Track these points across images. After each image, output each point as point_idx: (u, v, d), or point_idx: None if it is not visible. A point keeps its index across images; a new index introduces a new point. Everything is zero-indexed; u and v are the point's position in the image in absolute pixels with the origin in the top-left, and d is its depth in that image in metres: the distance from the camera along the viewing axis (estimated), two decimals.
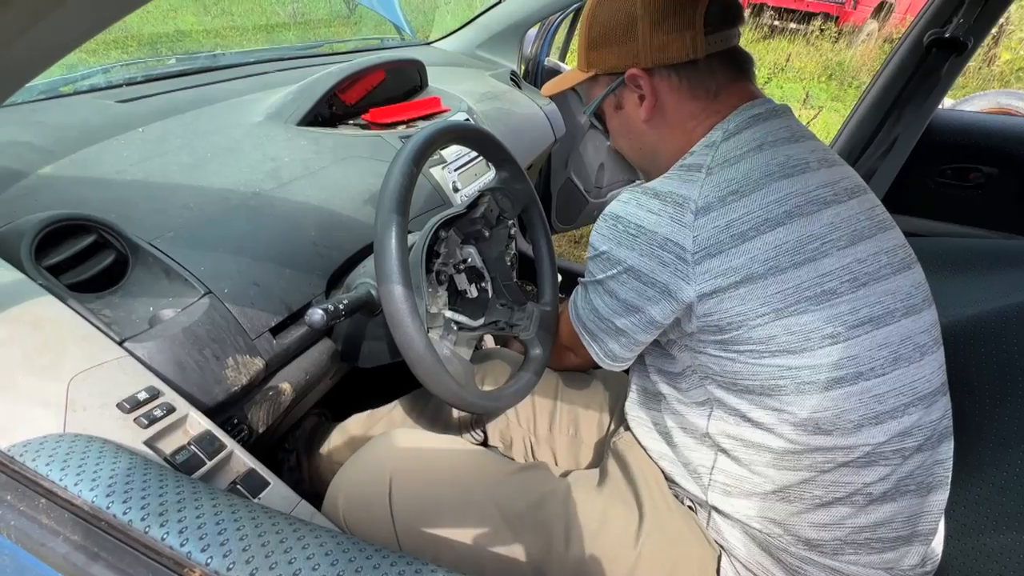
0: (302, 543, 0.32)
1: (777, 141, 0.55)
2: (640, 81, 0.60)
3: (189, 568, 0.31)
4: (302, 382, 0.73)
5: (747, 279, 0.51)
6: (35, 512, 0.34)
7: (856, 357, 0.51)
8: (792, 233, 0.51)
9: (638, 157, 0.69)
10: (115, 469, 0.37)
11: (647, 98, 0.60)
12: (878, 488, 0.54)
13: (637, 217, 0.55)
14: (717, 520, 0.62)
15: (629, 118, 0.64)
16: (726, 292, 0.52)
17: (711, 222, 0.51)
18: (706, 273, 0.52)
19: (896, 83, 1.20)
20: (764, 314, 0.51)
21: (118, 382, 0.48)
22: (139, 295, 0.60)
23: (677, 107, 0.60)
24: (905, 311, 0.53)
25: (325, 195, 0.84)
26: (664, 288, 0.54)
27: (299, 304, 0.71)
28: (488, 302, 0.84)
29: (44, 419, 0.42)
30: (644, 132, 0.64)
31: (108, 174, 0.72)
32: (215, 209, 0.72)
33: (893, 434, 0.53)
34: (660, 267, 0.54)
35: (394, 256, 0.56)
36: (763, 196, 0.52)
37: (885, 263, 0.53)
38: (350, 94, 1.10)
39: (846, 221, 0.53)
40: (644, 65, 0.59)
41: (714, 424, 0.60)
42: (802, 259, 0.51)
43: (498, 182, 0.83)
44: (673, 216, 0.53)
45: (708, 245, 0.51)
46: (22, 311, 0.48)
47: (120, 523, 0.33)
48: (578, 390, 0.87)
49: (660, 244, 0.53)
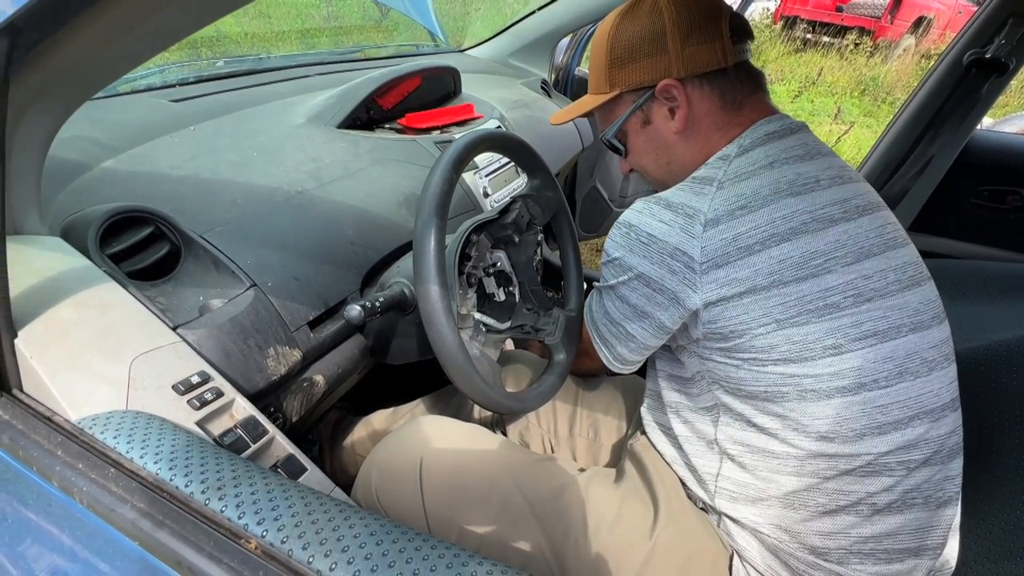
0: (348, 523, 0.34)
1: (790, 159, 0.56)
2: (674, 91, 0.60)
3: (246, 539, 0.33)
4: (334, 375, 0.76)
5: (751, 290, 0.53)
6: (105, 480, 0.37)
7: (859, 368, 0.52)
8: (796, 249, 0.52)
9: (663, 173, 0.68)
10: (175, 445, 0.40)
11: (681, 108, 0.61)
12: (883, 499, 0.54)
13: (649, 226, 0.57)
14: (727, 524, 0.63)
15: (658, 132, 0.64)
16: (730, 301, 0.53)
17: (719, 234, 0.53)
18: (712, 283, 0.53)
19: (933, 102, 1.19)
20: (766, 324, 0.53)
21: (173, 365, 0.51)
22: (190, 285, 0.64)
23: (707, 116, 0.61)
24: (912, 327, 0.54)
25: (362, 196, 0.87)
26: (673, 295, 0.56)
27: (335, 300, 0.74)
28: (515, 306, 0.86)
29: (109, 395, 0.45)
30: (673, 145, 0.64)
31: (163, 169, 0.77)
32: (260, 206, 0.76)
33: (897, 445, 0.53)
34: (669, 275, 0.56)
35: (432, 257, 0.58)
36: (770, 212, 0.53)
37: (892, 280, 0.54)
38: (387, 99, 1.13)
39: (853, 238, 0.54)
40: (677, 75, 0.60)
41: (721, 430, 0.61)
42: (805, 274, 0.52)
43: (530, 189, 0.85)
44: (683, 227, 0.55)
45: (715, 256, 0.53)
46: (90, 295, 0.51)
47: (182, 494, 0.36)
48: (598, 395, 0.88)
49: (670, 253, 0.55)
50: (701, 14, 0.58)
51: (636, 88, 0.63)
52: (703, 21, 0.59)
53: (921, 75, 5.25)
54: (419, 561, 0.31)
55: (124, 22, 0.37)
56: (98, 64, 0.42)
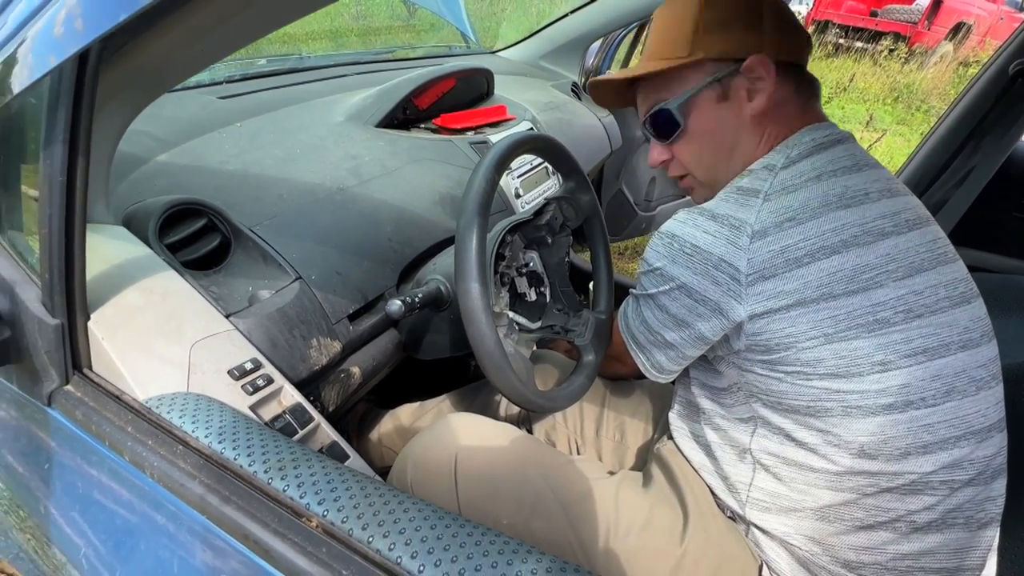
0: (403, 507, 0.35)
1: (837, 171, 0.55)
2: (762, 70, 0.57)
3: (307, 518, 0.35)
4: (369, 367, 0.79)
5: (799, 303, 0.52)
6: (173, 456, 0.40)
7: (907, 386, 0.51)
8: (847, 262, 0.51)
9: (714, 160, 0.63)
10: (235, 426, 0.43)
11: (765, 90, 0.58)
12: (923, 517, 0.54)
13: (693, 237, 0.57)
14: (756, 534, 0.63)
15: (733, 111, 0.60)
16: (777, 313, 0.53)
17: (766, 246, 0.52)
18: (759, 294, 0.53)
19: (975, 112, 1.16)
20: (814, 337, 0.52)
21: (228, 352, 0.53)
22: (239, 275, 0.67)
23: (781, 107, 0.59)
24: (962, 345, 0.53)
25: (400, 194, 0.89)
26: (715, 306, 0.56)
27: (374, 294, 0.77)
28: (546, 306, 0.87)
29: (172, 378, 0.48)
30: (741, 130, 0.60)
31: (213, 164, 0.80)
32: (304, 201, 0.78)
33: (942, 465, 0.52)
34: (713, 286, 0.55)
35: (474, 256, 0.60)
36: (819, 224, 0.52)
37: (943, 296, 0.53)
38: (423, 99, 1.15)
39: (904, 253, 0.53)
40: (768, 55, 0.57)
41: (757, 441, 0.61)
42: (855, 288, 0.51)
43: (564, 191, 0.86)
44: (729, 238, 0.54)
45: (762, 268, 0.52)
46: (153, 282, 0.54)
47: (246, 473, 0.38)
48: (625, 397, 0.89)
49: (715, 264, 0.54)
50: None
51: (721, 58, 0.59)
52: (789, 11, 0.57)
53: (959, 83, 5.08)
54: (472, 546, 0.32)
55: (205, 25, 0.39)
56: (175, 64, 0.45)
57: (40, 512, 0.51)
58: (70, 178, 0.41)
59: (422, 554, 0.32)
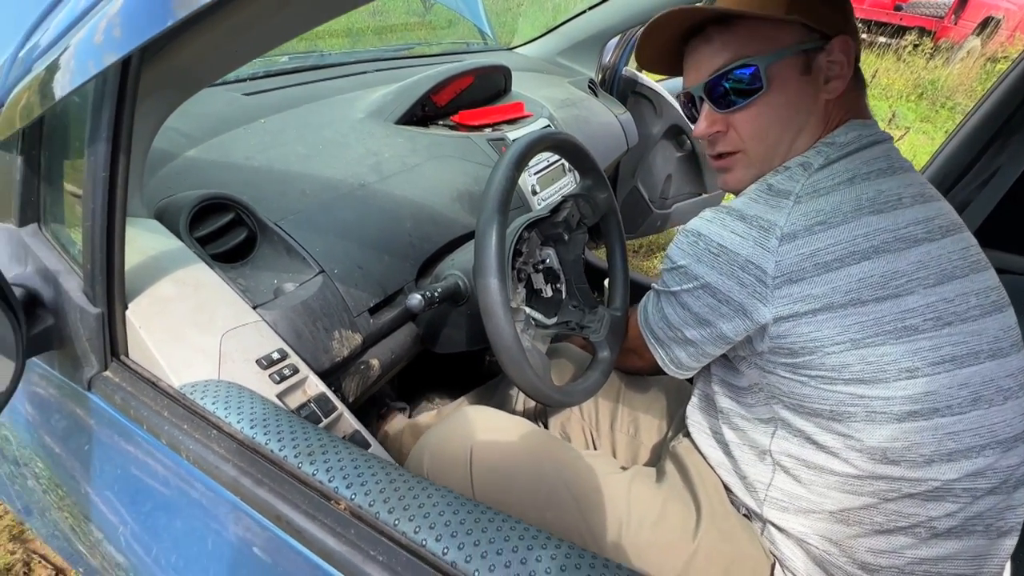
0: (426, 493, 0.37)
1: (871, 173, 0.55)
2: (844, 55, 0.56)
3: (336, 500, 0.36)
4: (388, 360, 0.80)
5: (827, 307, 0.51)
6: (208, 440, 0.42)
7: (934, 393, 0.51)
8: (877, 268, 0.51)
9: (778, 137, 0.59)
10: (265, 413, 0.44)
11: (843, 75, 0.57)
12: (943, 524, 0.53)
13: (720, 237, 0.56)
14: (772, 532, 0.63)
15: (811, 88, 0.57)
16: (803, 317, 0.52)
17: (795, 249, 0.52)
18: (785, 297, 0.52)
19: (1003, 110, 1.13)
20: (840, 342, 0.51)
21: (256, 342, 0.55)
22: (265, 268, 0.69)
23: (846, 96, 0.58)
24: (991, 354, 0.52)
25: (419, 190, 0.91)
26: (739, 307, 0.55)
27: (393, 288, 0.78)
28: (561, 303, 0.87)
29: (204, 366, 0.50)
30: (813, 111, 0.58)
31: (239, 160, 0.82)
32: (327, 196, 0.80)
33: (965, 473, 0.52)
34: (738, 287, 0.55)
35: (494, 252, 0.61)
36: (851, 229, 0.52)
37: (974, 304, 0.52)
38: (441, 96, 1.16)
39: (936, 260, 0.52)
40: (852, 38, 0.56)
41: (777, 443, 0.61)
42: (885, 294, 0.51)
43: (581, 189, 0.86)
44: (757, 240, 0.54)
45: (790, 271, 0.52)
46: (185, 274, 0.56)
47: (277, 457, 0.40)
48: (640, 393, 0.89)
49: (741, 265, 0.54)
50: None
51: (813, 28, 0.56)
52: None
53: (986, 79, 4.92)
54: (493, 531, 0.34)
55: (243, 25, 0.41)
56: (210, 64, 0.46)
57: (79, 491, 0.54)
58: (112, 174, 0.43)
59: (446, 537, 0.33)
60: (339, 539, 0.34)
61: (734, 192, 0.64)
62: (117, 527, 0.49)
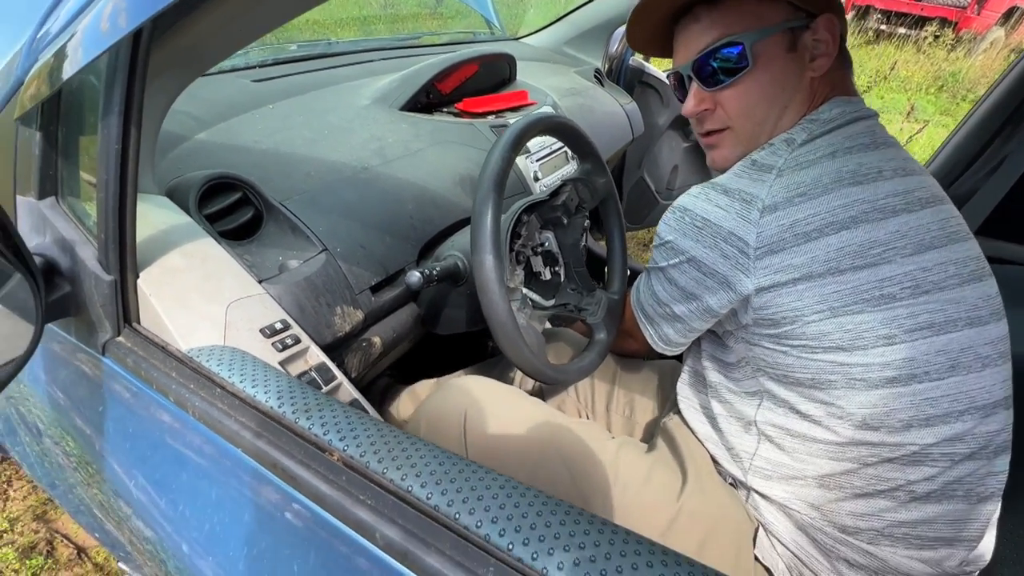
0: (415, 447, 0.39)
1: (853, 148, 0.55)
2: (829, 33, 0.57)
3: (329, 452, 0.39)
4: (390, 338, 0.83)
5: (806, 277, 0.53)
6: (212, 398, 0.44)
7: (912, 360, 0.52)
8: (855, 237, 0.52)
9: (765, 114, 0.60)
10: (266, 376, 0.47)
11: (828, 53, 0.57)
12: (922, 488, 0.55)
13: (704, 211, 0.58)
14: (756, 499, 0.64)
15: (796, 65, 0.58)
16: (784, 287, 0.54)
17: (776, 220, 0.53)
18: (766, 268, 0.54)
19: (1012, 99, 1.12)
20: (819, 311, 0.53)
21: (260, 313, 0.58)
22: (270, 246, 0.71)
23: (831, 74, 0.59)
24: (969, 321, 0.53)
25: (422, 175, 0.93)
26: (723, 279, 0.57)
27: (395, 268, 0.81)
28: (560, 285, 0.89)
29: (210, 332, 0.52)
30: (799, 88, 0.58)
31: (247, 143, 0.85)
32: (331, 179, 0.83)
33: (943, 438, 0.53)
34: (721, 259, 0.56)
35: (489, 230, 0.62)
36: (830, 200, 0.53)
37: (952, 273, 0.53)
38: (446, 84, 1.18)
39: (915, 230, 0.53)
40: (837, 17, 0.57)
41: (762, 414, 0.62)
42: (863, 263, 0.52)
43: (580, 173, 0.88)
44: (739, 212, 0.55)
45: (771, 242, 0.53)
46: (193, 247, 0.59)
47: (276, 413, 0.42)
48: (635, 375, 0.91)
49: (724, 238, 0.56)
50: None
51: (798, 6, 0.57)
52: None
53: None
54: (476, 481, 0.36)
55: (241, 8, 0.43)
56: (215, 44, 0.49)
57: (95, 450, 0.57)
58: (124, 147, 0.46)
59: (430, 484, 0.35)
60: (331, 485, 0.36)
61: (721, 169, 0.65)
62: (128, 481, 0.52)
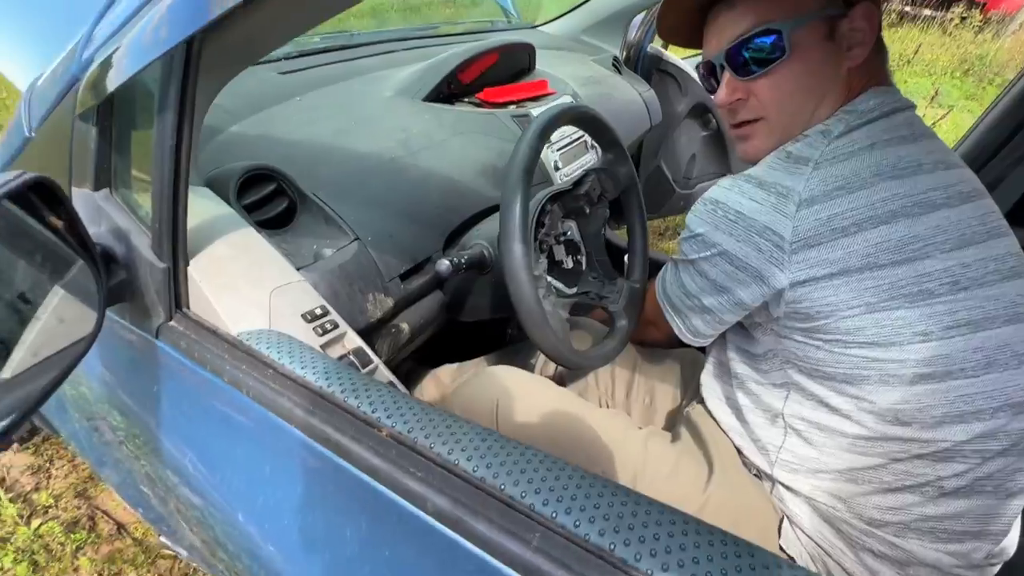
0: (457, 424, 0.41)
1: (892, 140, 0.55)
2: (867, 22, 0.55)
3: (378, 428, 0.41)
4: (417, 324, 0.85)
5: (843, 272, 0.52)
6: (264, 378, 0.47)
7: (948, 356, 0.52)
8: (895, 232, 0.51)
9: (801, 105, 0.59)
10: (313, 358, 0.50)
11: (866, 42, 0.56)
12: (952, 483, 0.55)
13: (738, 204, 0.57)
14: (781, 491, 0.65)
15: (834, 55, 0.57)
16: (820, 282, 0.53)
17: (813, 214, 0.53)
18: (802, 262, 0.53)
19: None
20: (855, 306, 0.52)
21: (300, 298, 0.61)
22: (304, 235, 0.74)
23: (868, 64, 0.57)
24: (1008, 319, 0.53)
25: (445, 164, 0.94)
26: (756, 273, 0.56)
27: (422, 256, 0.83)
28: (581, 274, 0.91)
29: (257, 317, 0.55)
30: (836, 78, 0.58)
31: (278, 134, 0.87)
32: (360, 169, 0.85)
33: (976, 435, 0.53)
34: (755, 253, 0.56)
35: (518, 219, 0.64)
36: (869, 194, 0.52)
37: (992, 269, 0.53)
38: (467, 74, 1.19)
39: (955, 225, 0.52)
40: (875, 5, 0.55)
41: (790, 407, 0.62)
42: (902, 258, 0.51)
43: (603, 163, 0.89)
44: (775, 206, 0.54)
45: (807, 236, 0.53)
46: (236, 236, 0.62)
47: (326, 392, 0.45)
48: (655, 365, 0.92)
49: (759, 231, 0.55)
50: None
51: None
52: None
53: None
54: (517, 455, 0.38)
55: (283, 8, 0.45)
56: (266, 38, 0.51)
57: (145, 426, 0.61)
58: (178, 142, 0.48)
59: (475, 459, 0.38)
60: (382, 458, 0.39)
61: (753, 161, 0.64)
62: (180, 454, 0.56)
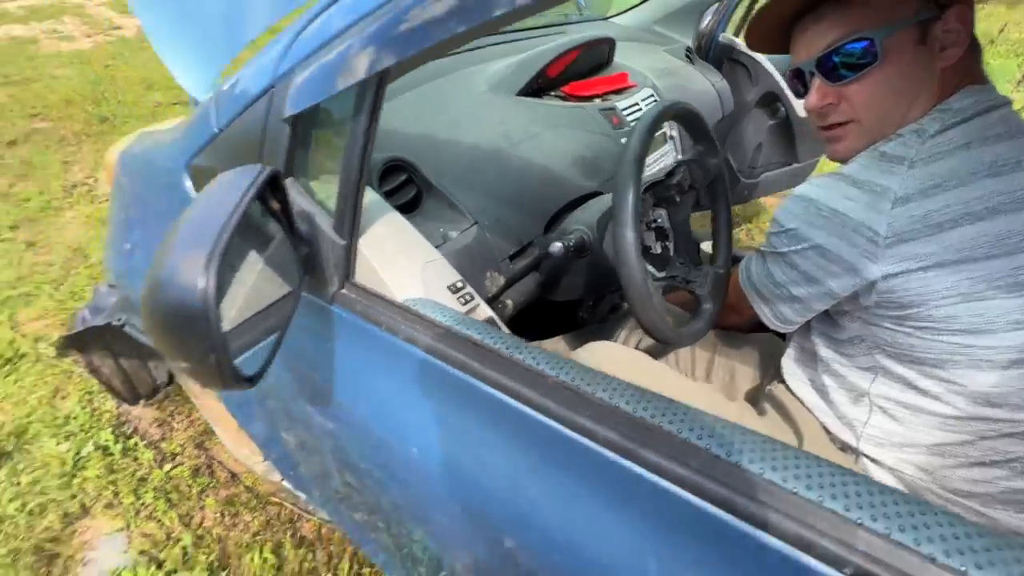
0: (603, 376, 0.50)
1: (989, 138, 0.56)
2: (961, 23, 0.56)
3: (545, 377, 0.50)
4: (518, 302, 0.95)
5: (937, 264, 0.54)
6: (437, 335, 0.57)
7: None
8: (992, 228, 0.53)
9: (893, 107, 0.60)
10: (472, 322, 0.59)
11: (960, 43, 0.57)
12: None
13: (832, 201, 0.59)
14: (866, 463, 0.68)
15: (926, 58, 0.57)
16: (913, 273, 0.55)
17: (908, 211, 0.54)
18: (895, 256, 0.55)
19: None
20: (949, 296, 0.54)
21: (444, 273, 0.70)
22: (432, 219, 0.84)
23: (963, 59, 0.58)
24: None
25: (542, 156, 1.02)
26: (849, 265, 0.58)
27: (526, 240, 0.92)
28: (670, 259, 0.97)
29: (415, 287, 0.65)
30: (929, 79, 0.58)
31: (399, 128, 0.98)
32: (472, 159, 0.94)
33: None
34: (849, 247, 0.57)
35: (631, 206, 0.72)
36: (967, 192, 0.53)
37: None
38: (553, 69, 1.26)
39: None
40: (968, 6, 0.56)
41: (876, 387, 0.65)
42: (998, 252, 0.53)
43: (694, 155, 0.94)
44: (870, 203, 0.56)
45: (902, 232, 0.55)
46: (388, 219, 0.72)
47: (495, 348, 0.54)
48: (733, 347, 0.97)
49: (853, 228, 0.57)
50: None
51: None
52: None
53: None
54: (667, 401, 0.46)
55: None
56: None
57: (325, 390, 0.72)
58: (367, 140, 0.58)
59: (632, 402, 0.46)
60: (554, 400, 0.48)
61: (842, 161, 0.66)
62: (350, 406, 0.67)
